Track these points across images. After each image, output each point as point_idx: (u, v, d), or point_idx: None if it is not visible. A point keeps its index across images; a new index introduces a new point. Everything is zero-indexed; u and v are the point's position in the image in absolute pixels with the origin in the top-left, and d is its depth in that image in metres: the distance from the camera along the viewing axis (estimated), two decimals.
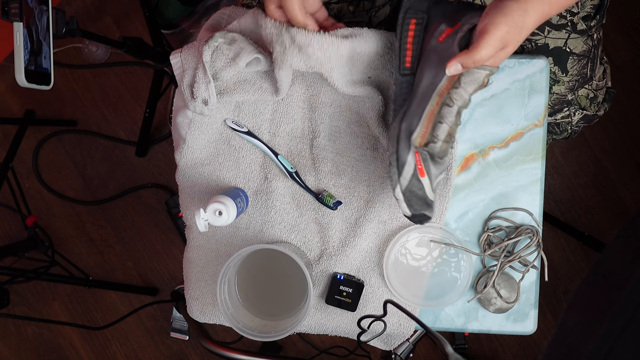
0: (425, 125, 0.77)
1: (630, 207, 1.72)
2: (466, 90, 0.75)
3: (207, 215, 0.84)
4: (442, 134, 0.78)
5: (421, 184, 0.79)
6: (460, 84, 0.75)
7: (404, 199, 0.79)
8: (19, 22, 1.03)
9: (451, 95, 0.76)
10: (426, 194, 0.80)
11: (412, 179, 0.78)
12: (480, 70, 0.73)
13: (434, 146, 0.78)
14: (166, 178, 1.88)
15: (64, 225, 1.92)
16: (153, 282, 1.92)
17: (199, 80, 0.87)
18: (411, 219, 0.81)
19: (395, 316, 0.95)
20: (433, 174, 0.80)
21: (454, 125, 0.78)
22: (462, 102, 0.76)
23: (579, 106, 1.03)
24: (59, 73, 1.86)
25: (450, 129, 0.78)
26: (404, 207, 0.79)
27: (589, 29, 0.94)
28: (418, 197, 0.79)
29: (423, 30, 0.80)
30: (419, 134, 0.78)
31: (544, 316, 1.74)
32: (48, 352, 1.95)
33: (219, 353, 1.16)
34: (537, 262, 0.94)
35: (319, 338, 1.82)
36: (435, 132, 0.77)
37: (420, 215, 0.80)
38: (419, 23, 0.80)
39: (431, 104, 0.77)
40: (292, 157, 0.95)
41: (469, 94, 0.76)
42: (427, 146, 0.78)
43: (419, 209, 0.80)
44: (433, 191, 0.81)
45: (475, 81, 0.74)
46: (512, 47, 0.72)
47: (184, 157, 0.95)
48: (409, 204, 0.79)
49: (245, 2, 0.97)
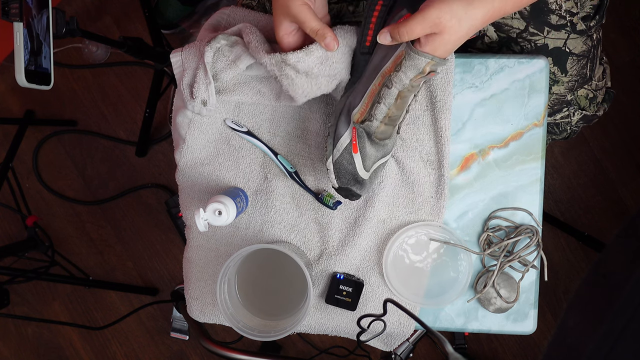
0: (365, 103, 0.81)
1: (630, 207, 1.72)
2: (406, 74, 0.76)
3: (206, 215, 0.84)
4: (379, 114, 0.80)
5: (352, 159, 0.82)
6: (400, 67, 0.76)
7: (334, 170, 0.83)
8: (19, 22, 1.03)
9: (392, 78, 0.77)
10: (356, 170, 0.83)
11: (344, 152, 0.82)
12: (419, 57, 0.74)
13: (370, 124, 0.81)
14: (166, 178, 1.88)
15: (64, 225, 1.92)
16: (153, 282, 1.92)
17: (199, 81, 0.87)
18: (338, 191, 0.84)
19: (395, 315, 0.95)
20: (369, 153, 0.83)
21: (394, 108, 0.80)
22: (402, 85, 0.77)
23: (578, 106, 1.03)
24: (59, 73, 1.86)
25: (389, 110, 0.80)
26: (332, 177, 0.83)
27: (589, 29, 0.94)
28: (347, 171, 0.83)
29: (387, 13, 0.81)
30: (358, 111, 0.81)
31: (544, 316, 1.74)
32: (48, 352, 1.95)
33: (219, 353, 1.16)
34: (536, 262, 0.94)
35: (319, 338, 1.82)
36: (373, 111, 0.80)
37: (346, 189, 0.84)
38: (385, 5, 0.81)
39: (374, 83, 0.80)
40: (292, 157, 0.95)
41: (409, 79, 0.76)
42: (364, 124, 0.81)
43: (347, 182, 0.83)
44: (367, 170, 0.84)
45: (415, 67, 0.75)
46: (451, 36, 0.71)
47: (184, 157, 0.95)
48: (337, 175, 0.83)
49: (245, 2, 0.97)
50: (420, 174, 0.93)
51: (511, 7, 0.74)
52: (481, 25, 0.72)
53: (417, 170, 0.92)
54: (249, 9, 0.95)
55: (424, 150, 0.93)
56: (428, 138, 0.92)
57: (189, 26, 1.77)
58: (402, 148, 0.92)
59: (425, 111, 0.92)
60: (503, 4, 0.72)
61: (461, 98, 0.92)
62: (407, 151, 0.92)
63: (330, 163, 0.83)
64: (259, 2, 0.96)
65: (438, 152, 0.92)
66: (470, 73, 0.92)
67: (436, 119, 0.91)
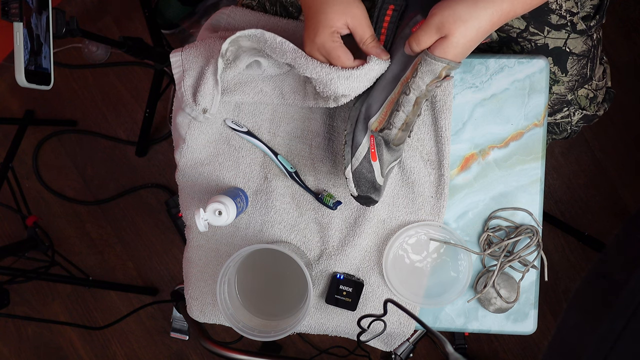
0: (384, 112, 0.80)
1: (630, 207, 1.72)
2: (423, 80, 0.76)
3: (207, 215, 0.84)
4: (398, 122, 0.80)
5: (372, 167, 0.82)
6: (417, 73, 0.77)
7: (353, 179, 0.82)
8: (19, 22, 1.03)
9: (409, 84, 0.78)
10: (375, 178, 0.83)
11: (364, 161, 0.82)
12: (435, 62, 0.74)
13: (389, 133, 0.81)
14: (166, 178, 1.88)
15: (64, 225, 1.92)
16: (153, 282, 1.92)
17: (206, 90, 0.86)
18: (357, 199, 0.84)
19: (395, 315, 0.95)
20: (385, 159, 0.83)
21: (411, 115, 0.80)
22: (419, 92, 0.78)
23: (578, 106, 1.03)
24: (59, 73, 1.86)
25: (407, 117, 0.80)
26: (352, 186, 0.82)
27: (589, 29, 0.94)
28: (367, 179, 0.82)
29: (399, 18, 0.82)
30: (377, 119, 0.81)
31: (544, 316, 1.74)
32: (48, 352, 1.95)
33: (218, 353, 1.16)
34: (537, 262, 0.94)
35: (319, 338, 1.82)
36: (392, 119, 0.80)
37: (366, 197, 0.83)
38: (397, 10, 0.81)
39: (394, 92, 0.79)
40: (292, 157, 0.95)
41: (425, 84, 0.77)
42: (383, 132, 0.81)
43: (366, 191, 0.83)
44: (383, 176, 0.84)
45: (431, 72, 0.75)
46: (459, 39, 0.72)
47: (184, 157, 0.95)
48: (357, 184, 0.82)
49: (245, 2, 0.97)
50: (420, 174, 0.93)
51: (521, 9, 0.74)
52: (490, 26, 0.72)
53: (418, 170, 0.92)
54: (249, 9, 0.95)
55: (424, 150, 0.93)
56: (428, 138, 0.92)
57: (189, 26, 1.77)
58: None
59: (426, 111, 0.92)
60: (511, 6, 0.72)
61: (461, 98, 0.93)
62: (408, 151, 0.92)
63: (349, 172, 0.82)
64: (259, 2, 0.96)
65: (438, 152, 0.92)
66: (471, 73, 0.92)
67: (436, 118, 0.91)
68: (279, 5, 0.95)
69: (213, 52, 0.88)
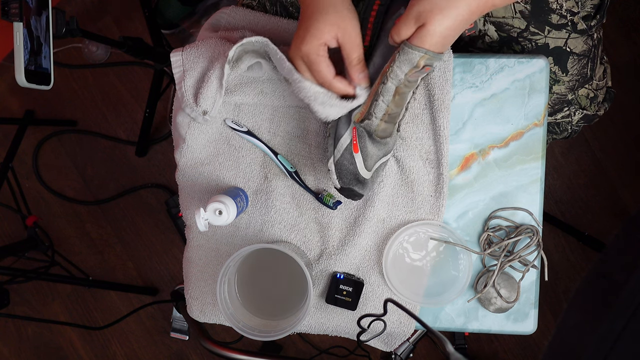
0: (366, 103, 0.81)
1: (630, 207, 1.72)
2: (400, 69, 0.76)
3: (207, 215, 0.84)
4: (379, 112, 0.80)
5: (353, 159, 0.83)
6: (395, 62, 0.76)
7: (335, 171, 0.83)
8: (19, 22, 1.03)
9: (387, 73, 0.77)
10: (357, 170, 0.83)
11: (345, 152, 0.82)
12: (412, 51, 0.74)
13: (370, 123, 0.81)
14: (166, 178, 1.88)
15: (64, 225, 1.92)
16: (153, 282, 1.92)
17: (209, 92, 0.87)
18: (340, 191, 0.84)
19: (395, 315, 0.95)
20: (371, 152, 0.83)
21: (392, 105, 0.80)
22: (397, 81, 0.77)
23: (579, 106, 1.03)
24: (59, 73, 1.86)
25: (388, 108, 0.80)
26: (334, 178, 0.83)
27: (589, 29, 0.94)
28: (349, 171, 0.83)
29: (384, 12, 0.82)
30: (359, 110, 0.81)
31: (544, 316, 1.74)
32: (48, 352, 1.95)
33: (218, 353, 1.16)
34: (537, 261, 0.94)
35: (319, 338, 1.82)
36: (373, 109, 0.80)
37: (349, 190, 0.84)
38: (382, 4, 0.81)
39: (376, 82, 0.80)
40: (292, 157, 0.95)
41: (404, 74, 0.76)
42: (364, 122, 0.81)
43: (349, 183, 0.83)
44: (368, 170, 0.84)
45: (409, 61, 0.75)
46: (435, 27, 0.71)
47: (184, 157, 0.95)
48: (339, 176, 0.83)
49: (245, 2, 0.97)
50: (419, 173, 0.93)
51: (500, 0, 0.73)
52: (469, 15, 0.72)
53: (417, 169, 0.92)
54: (249, 9, 0.95)
55: (423, 149, 0.93)
56: (427, 137, 0.92)
57: (189, 26, 1.77)
58: (401, 147, 0.92)
59: (424, 110, 0.92)
60: None
61: (461, 98, 0.92)
62: (407, 150, 0.92)
63: (332, 164, 0.83)
64: (260, 2, 0.96)
65: (437, 151, 0.92)
66: (471, 73, 0.92)
67: (435, 117, 0.91)
68: (279, 5, 0.95)
69: (214, 52, 0.88)
